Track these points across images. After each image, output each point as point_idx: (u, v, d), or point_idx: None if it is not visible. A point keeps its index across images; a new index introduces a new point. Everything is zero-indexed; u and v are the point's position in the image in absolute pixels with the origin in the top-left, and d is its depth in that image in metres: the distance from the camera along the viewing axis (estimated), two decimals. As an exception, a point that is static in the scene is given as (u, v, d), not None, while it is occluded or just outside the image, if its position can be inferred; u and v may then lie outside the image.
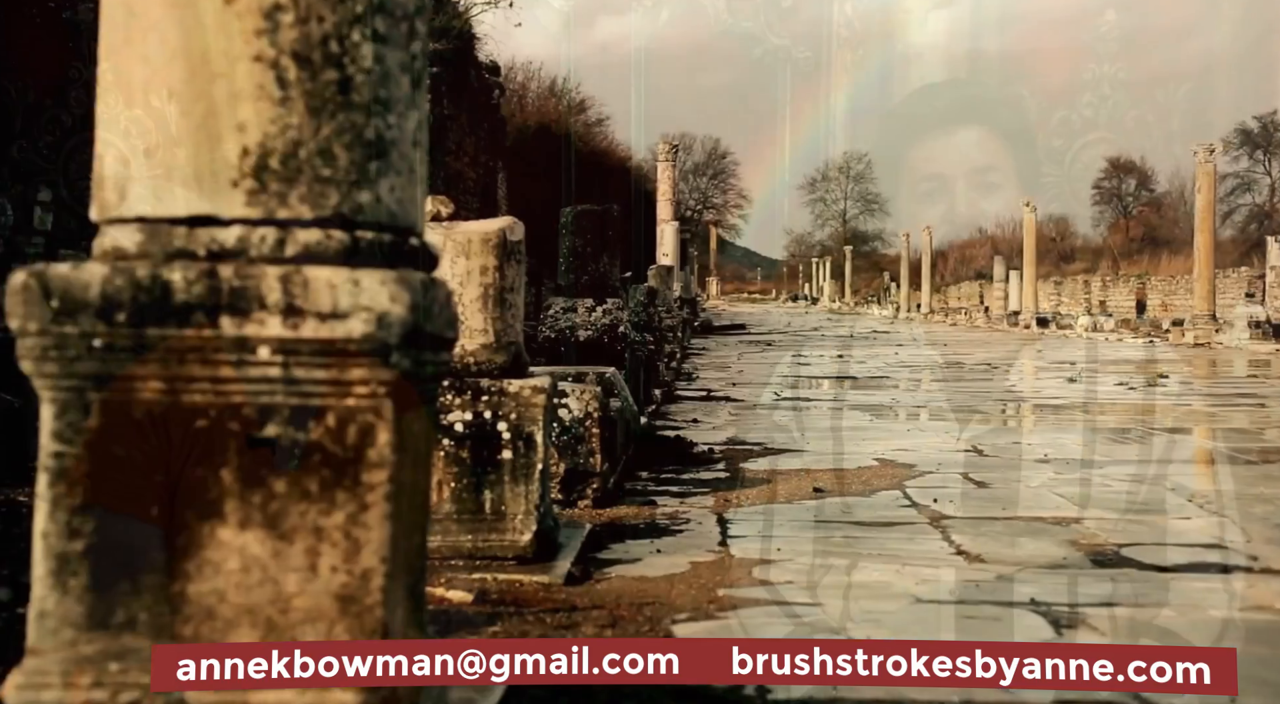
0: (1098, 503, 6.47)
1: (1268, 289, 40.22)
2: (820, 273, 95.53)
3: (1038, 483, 7.22)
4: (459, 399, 4.81)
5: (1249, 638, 3.88)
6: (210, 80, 2.17)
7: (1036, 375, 18.63)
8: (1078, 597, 4.39)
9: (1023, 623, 4.04)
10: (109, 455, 2.14)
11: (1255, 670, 3.52)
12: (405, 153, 2.32)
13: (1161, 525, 5.86)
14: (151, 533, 2.15)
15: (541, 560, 4.72)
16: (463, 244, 4.95)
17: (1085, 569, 4.90)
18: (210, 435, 2.15)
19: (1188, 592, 4.50)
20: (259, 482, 2.16)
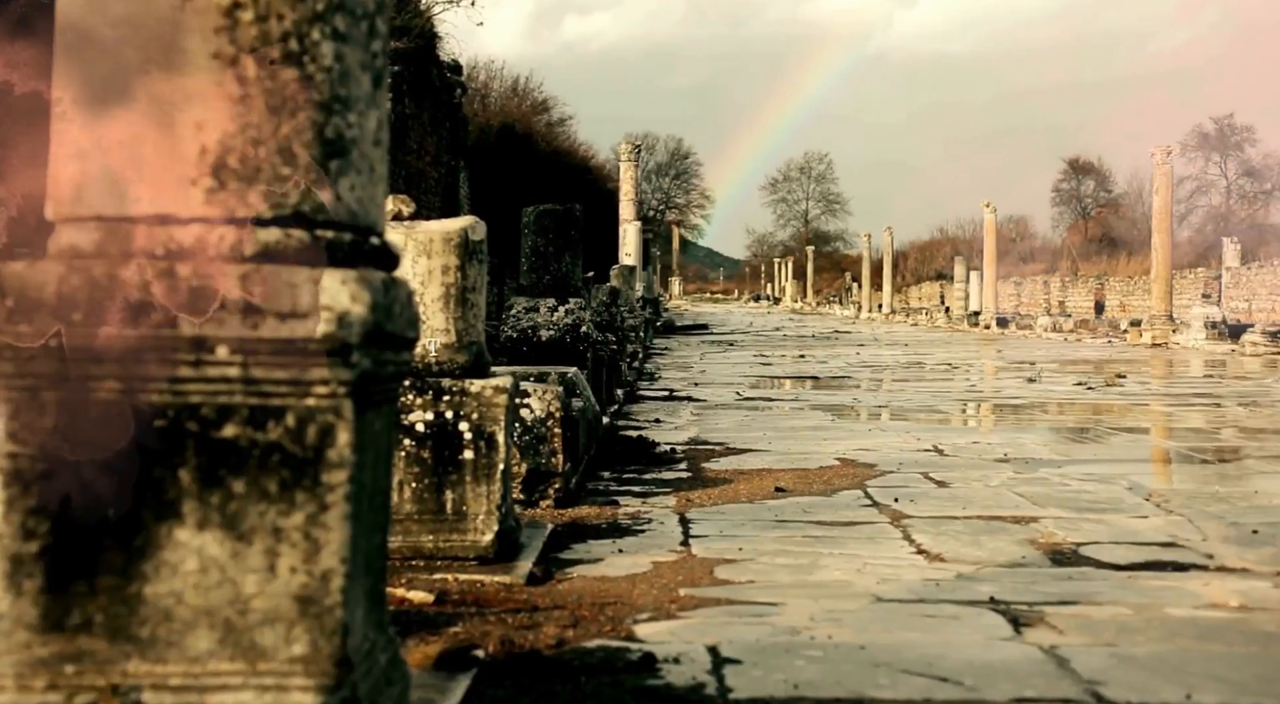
0: (1056, 502, 6.53)
1: (1224, 290, 40.69)
2: (782, 273, 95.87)
3: (997, 482, 7.26)
4: (420, 399, 4.80)
5: (1204, 636, 3.92)
6: (168, 78, 2.16)
7: (996, 375, 18.76)
8: (1036, 595, 4.43)
9: (982, 621, 4.06)
10: (65, 456, 2.12)
11: (1210, 668, 3.56)
12: (366, 151, 2.31)
13: (1119, 524, 5.91)
14: (108, 534, 2.13)
15: (503, 561, 4.71)
16: (424, 243, 4.93)
17: (1044, 568, 4.93)
18: (168, 436, 2.13)
19: (1144, 590, 4.54)
20: (217, 482, 2.14)
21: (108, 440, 2.12)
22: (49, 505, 2.12)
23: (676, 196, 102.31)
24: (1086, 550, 5.27)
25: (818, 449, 8.87)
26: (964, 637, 3.87)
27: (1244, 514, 6.16)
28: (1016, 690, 3.33)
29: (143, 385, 2.12)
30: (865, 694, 3.30)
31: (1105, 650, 3.72)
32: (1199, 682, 3.42)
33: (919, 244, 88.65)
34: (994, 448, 9.05)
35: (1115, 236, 70.32)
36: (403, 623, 3.68)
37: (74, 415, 2.12)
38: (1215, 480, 7.49)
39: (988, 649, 3.73)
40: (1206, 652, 3.73)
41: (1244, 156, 71.94)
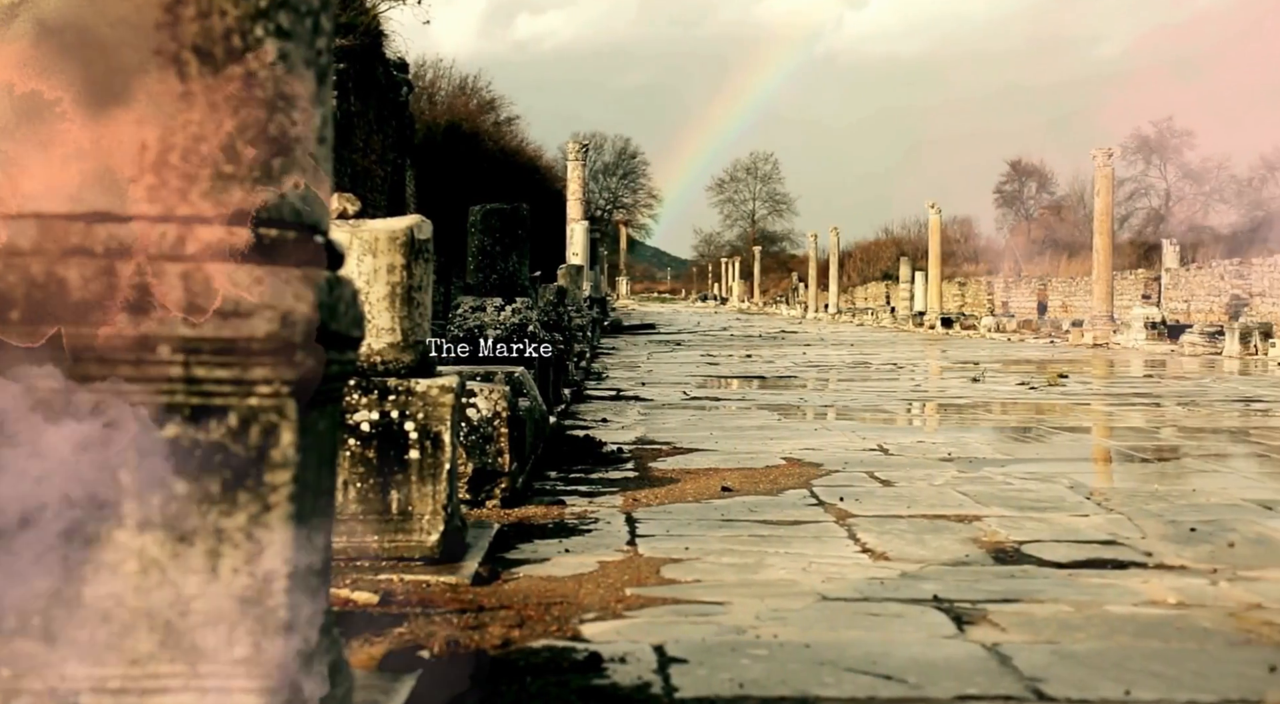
0: (999, 501, 6.59)
1: (1163, 291, 41.27)
2: (729, 273, 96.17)
3: (941, 481, 7.33)
4: (365, 398, 4.77)
5: (1143, 632, 3.97)
6: (109, 74, 2.13)
7: (941, 375, 18.92)
8: (979, 593, 4.47)
9: (926, 620, 4.10)
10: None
11: (1149, 664, 3.61)
12: (310, 149, 2.29)
13: (1060, 523, 5.98)
14: (46, 535, 2.10)
15: (449, 561, 4.70)
16: (370, 242, 4.91)
17: (986, 566, 4.98)
18: (108, 436, 2.10)
19: (1085, 587, 4.60)
20: (158, 483, 2.12)
21: (47, 441, 2.09)
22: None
23: (624, 196, 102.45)
24: (1029, 549, 5.32)
25: (764, 449, 8.91)
26: (908, 635, 3.90)
27: (1182, 513, 6.25)
28: (959, 688, 3.36)
29: (82, 385, 2.09)
30: (810, 693, 3.32)
31: (1046, 648, 3.76)
32: (1138, 678, 3.46)
33: (865, 244, 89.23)
34: (938, 447, 9.12)
35: (1058, 238, 71.10)
36: (347, 624, 3.66)
37: (12, 416, 2.09)
38: (1155, 479, 7.59)
39: (931, 647, 3.76)
40: (1145, 648, 3.78)
41: (1183, 160, 73.05)
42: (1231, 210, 68.71)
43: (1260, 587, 4.61)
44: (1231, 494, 6.93)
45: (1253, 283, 35.94)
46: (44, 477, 2.10)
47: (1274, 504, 6.58)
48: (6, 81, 2.15)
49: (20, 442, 2.10)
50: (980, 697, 3.31)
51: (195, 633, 2.12)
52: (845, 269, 73.06)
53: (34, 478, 2.10)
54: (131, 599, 2.11)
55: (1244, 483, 7.48)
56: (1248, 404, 13.49)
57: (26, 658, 2.11)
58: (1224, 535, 5.61)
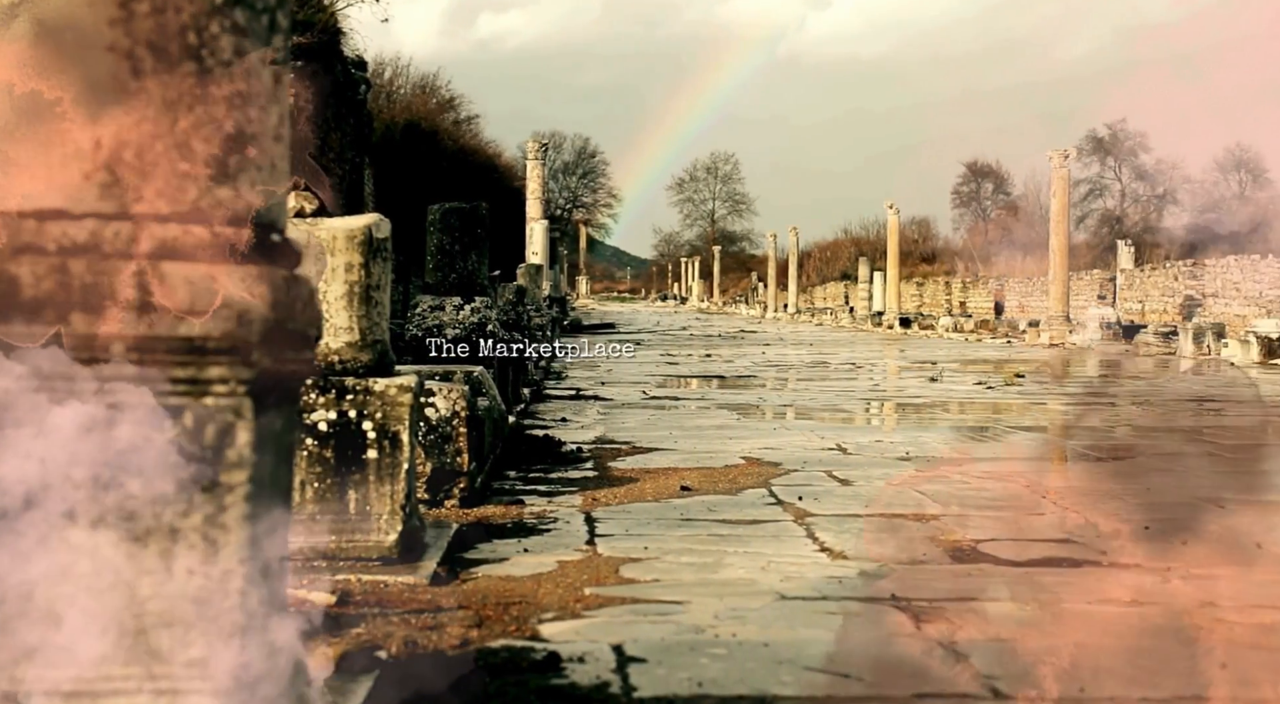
0: (956, 500, 6.63)
1: (1118, 291, 41.67)
2: (689, 272, 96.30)
3: (899, 480, 7.36)
4: (323, 398, 4.74)
5: (1098, 630, 4.00)
6: (62, 70, 2.11)
7: (899, 375, 19.02)
8: (936, 592, 4.49)
9: (883, 618, 4.12)
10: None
11: (1104, 661, 3.64)
12: (266, 147, 2.28)
13: (1017, 522, 6.02)
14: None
15: (407, 561, 4.68)
16: (327, 241, 4.88)
17: (944, 565, 5.01)
18: (62, 435, 2.08)
19: (1041, 586, 4.63)
20: (112, 482, 2.10)
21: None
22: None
23: (584, 196, 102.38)
24: (985, 547, 5.36)
25: (723, 448, 8.92)
26: (866, 633, 3.92)
27: (1136, 511, 6.31)
28: (916, 686, 3.38)
29: (36, 384, 2.07)
30: (768, 691, 3.33)
31: (1003, 646, 3.79)
32: (1093, 675, 3.49)
33: (824, 245, 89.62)
34: (896, 446, 9.17)
35: (1014, 238, 71.64)
36: (304, 624, 3.63)
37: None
38: (1109, 478, 7.66)
39: (889, 645, 3.78)
40: (1100, 646, 3.82)
41: (1137, 161, 73.82)
42: (1185, 212, 69.53)
43: (1213, 585, 4.66)
44: (1185, 493, 7.00)
45: (1206, 284, 36.36)
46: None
47: (1227, 503, 6.65)
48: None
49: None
50: (937, 695, 3.33)
51: (150, 634, 2.10)
52: (804, 269, 73.33)
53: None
54: (84, 600, 2.09)
55: (1197, 482, 7.57)
56: (1201, 404, 13.64)
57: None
58: (1178, 534, 5.67)
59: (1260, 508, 6.61)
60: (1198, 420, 11.76)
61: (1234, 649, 3.78)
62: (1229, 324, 28.27)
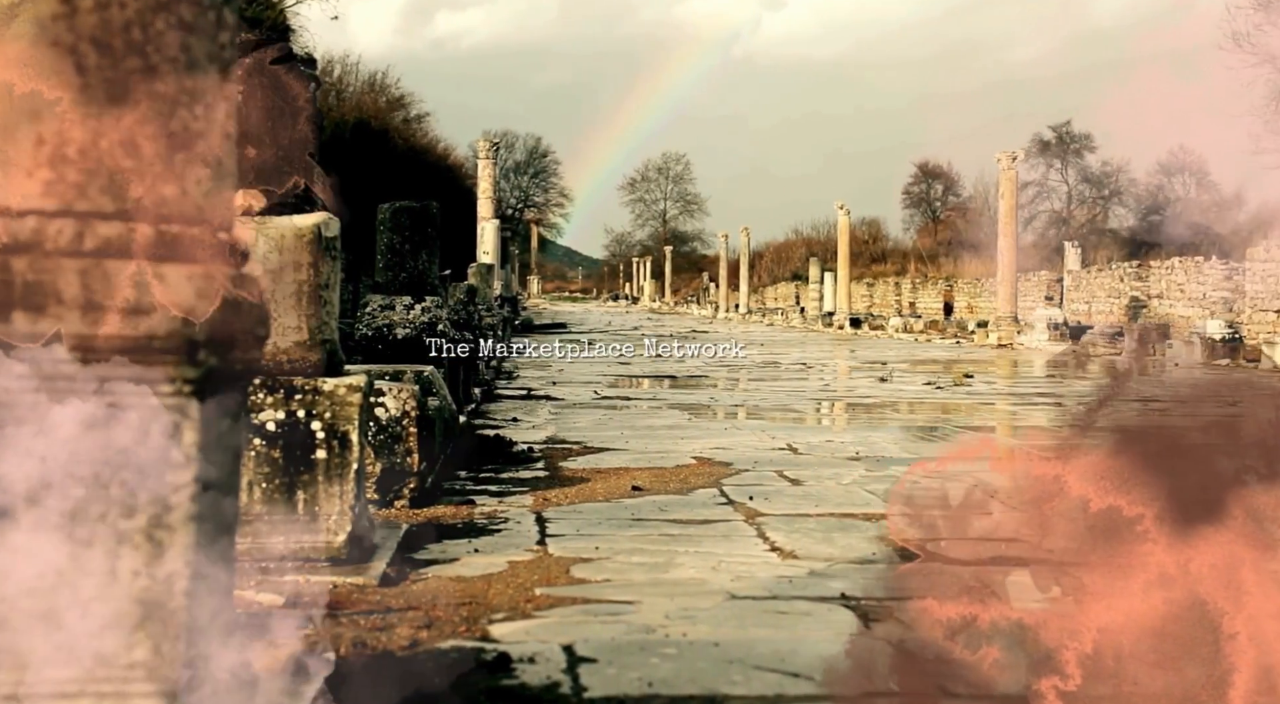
0: (905, 499, 6.67)
1: (1065, 293, 42.10)
2: (641, 272, 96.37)
3: (849, 480, 7.40)
4: (271, 398, 4.70)
5: (1044, 627, 4.04)
6: (3, 66, 2.08)
7: (849, 375, 19.11)
8: (885, 591, 4.52)
9: (833, 617, 4.14)
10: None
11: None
12: (213, 144, 2.26)
13: (965, 521, 6.06)
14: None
15: (356, 562, 4.65)
16: (276, 239, 4.84)
17: (893, 564, 5.04)
18: (4, 435, 2.05)
19: (989, 585, 4.67)
20: (56, 483, 2.07)
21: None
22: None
23: (535, 195, 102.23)
24: (933, 546, 5.39)
25: (675, 448, 8.93)
26: (815, 633, 3.94)
27: (1082, 510, 6.36)
28: (866, 685, 3.40)
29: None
30: (718, 691, 3.34)
31: (951, 645, 3.81)
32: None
33: (775, 245, 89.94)
34: (847, 446, 9.22)
35: (963, 239, 72.21)
36: (251, 626, 3.60)
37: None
38: (1056, 478, 7.72)
39: (838, 644, 3.80)
40: (1046, 643, 3.85)
41: (1083, 163, 74.64)
42: (1130, 214, 70.39)
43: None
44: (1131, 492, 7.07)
45: (1151, 285, 36.80)
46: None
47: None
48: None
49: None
50: (887, 693, 3.35)
51: (93, 636, 2.08)
52: (756, 269, 73.59)
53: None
54: (28, 602, 2.06)
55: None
56: (1146, 404, 13.80)
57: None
58: (1122, 533, 5.73)
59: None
60: (1143, 420, 11.89)
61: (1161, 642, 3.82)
62: (1174, 325, 28.63)
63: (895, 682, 3.43)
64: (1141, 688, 3.00)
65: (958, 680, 3.44)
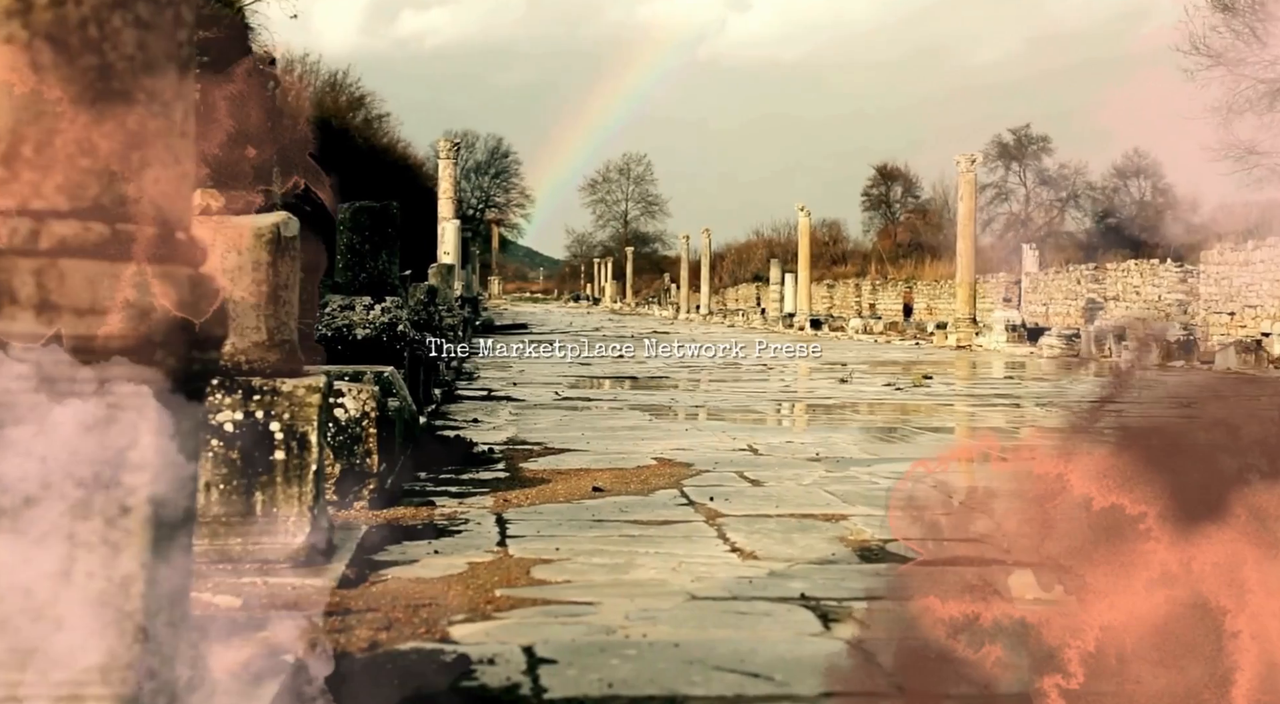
0: (865, 500, 6.71)
1: (1023, 294, 42.43)
2: (602, 273, 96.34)
3: (809, 481, 7.43)
4: (229, 398, 4.67)
5: (1003, 625, 4.07)
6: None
7: (809, 376, 19.18)
8: (845, 591, 4.54)
9: (793, 618, 4.15)
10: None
11: (1007, 656, 3.70)
12: (171, 143, 2.24)
13: (924, 521, 6.10)
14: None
15: (315, 563, 4.62)
16: (234, 239, 4.81)
17: (853, 564, 5.07)
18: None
19: (948, 585, 4.69)
20: (10, 484, 2.05)
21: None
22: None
23: (496, 195, 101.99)
24: (894, 547, 5.42)
25: (635, 449, 8.94)
26: (775, 633, 3.95)
27: (1040, 510, 6.41)
28: (824, 685, 3.41)
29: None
30: (678, 692, 3.34)
31: (910, 644, 3.83)
32: (995, 670, 3.55)
33: (736, 246, 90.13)
34: (807, 447, 9.25)
35: (923, 241, 72.66)
36: (208, 628, 3.58)
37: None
38: (1013, 479, 7.78)
39: (798, 645, 3.81)
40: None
41: (1041, 166, 75.24)
42: (1086, 217, 71.02)
43: (1111, 581, 4.75)
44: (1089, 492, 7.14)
45: (1107, 287, 37.15)
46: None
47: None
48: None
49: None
50: (845, 693, 3.37)
51: (48, 639, 2.06)
52: (717, 270, 73.68)
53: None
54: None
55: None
56: (1102, 405, 13.92)
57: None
58: (1081, 534, 5.78)
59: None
60: (1100, 421, 12.00)
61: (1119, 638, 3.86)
62: (1129, 326, 28.88)
63: (853, 682, 3.44)
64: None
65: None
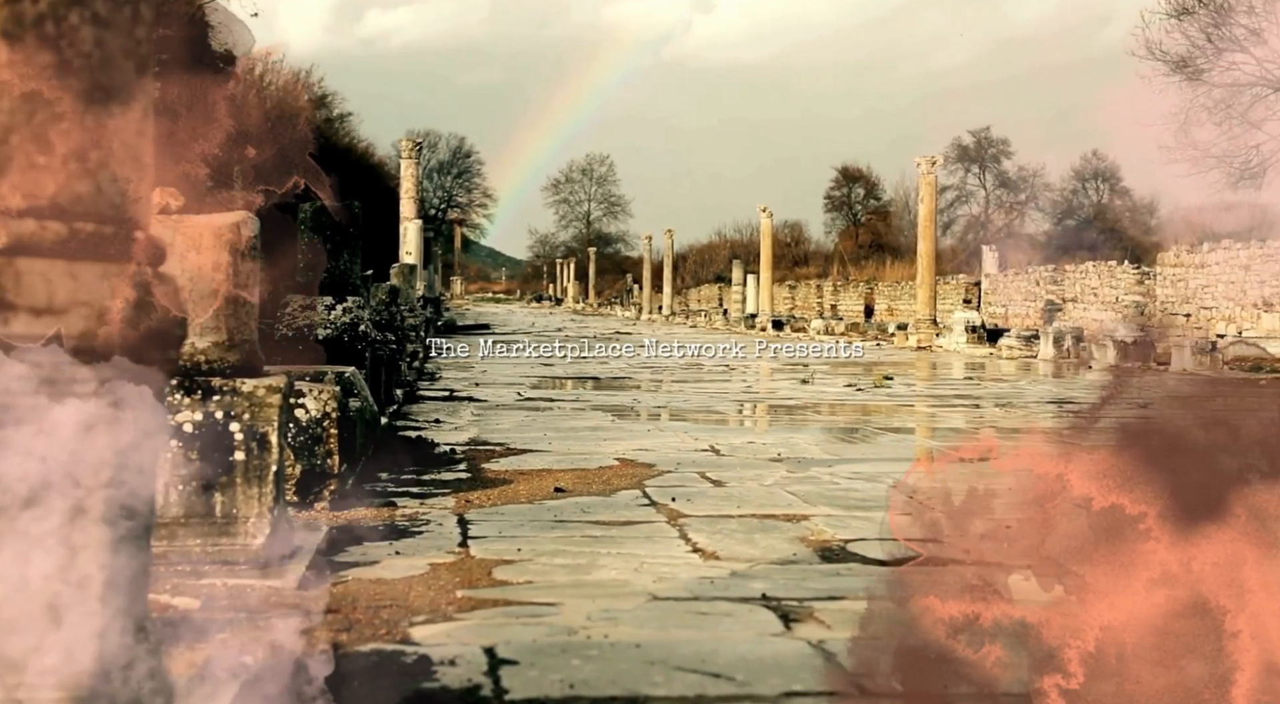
0: (826, 500, 6.73)
1: (983, 296, 42.71)
2: (565, 274, 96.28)
3: (771, 481, 7.45)
4: (188, 399, 4.63)
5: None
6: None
7: (771, 377, 19.23)
8: (806, 591, 4.56)
9: (754, 618, 4.16)
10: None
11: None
12: (129, 141, 2.22)
13: (885, 521, 6.13)
14: None
15: (275, 564, 4.59)
16: (194, 239, 4.77)
17: (814, 564, 5.08)
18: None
19: (907, 584, 4.72)
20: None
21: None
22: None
23: (459, 196, 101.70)
24: (854, 547, 5.45)
25: (598, 449, 8.93)
26: (736, 633, 3.96)
27: (1001, 511, 6.46)
28: (785, 684, 3.42)
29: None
30: (640, 692, 3.35)
31: (870, 644, 3.85)
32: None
33: (699, 247, 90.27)
34: (768, 448, 9.27)
35: (884, 243, 73.06)
36: (167, 630, 3.55)
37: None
38: (974, 478, 7.83)
39: (759, 645, 3.82)
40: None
41: (1000, 168, 75.79)
42: (1046, 219, 71.57)
43: (1068, 580, 4.79)
44: (1046, 492, 7.19)
45: (1065, 289, 37.45)
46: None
47: (1086, 503, 6.85)
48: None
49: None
50: (805, 693, 3.38)
51: (3, 641, 2.03)
52: (680, 271, 73.79)
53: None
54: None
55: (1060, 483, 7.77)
56: (1061, 406, 14.03)
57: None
58: (1039, 533, 5.82)
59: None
60: (1058, 422, 12.10)
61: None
62: (1088, 328, 29.14)
63: (814, 681, 3.45)
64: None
65: (877, 677, 3.47)
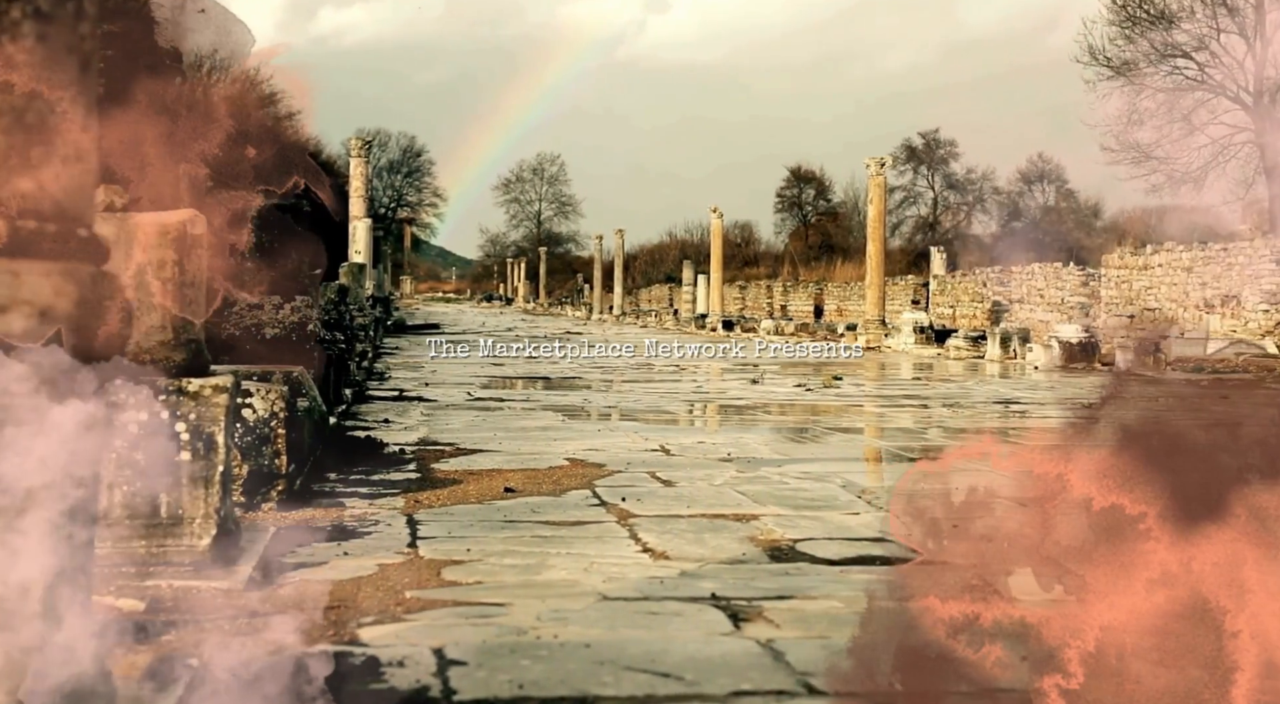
0: (776, 500, 6.76)
1: (931, 297, 43.03)
2: (515, 273, 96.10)
3: (721, 481, 7.47)
4: (133, 398, 4.58)
5: (910, 625, 4.12)
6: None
7: (722, 377, 19.28)
8: (755, 591, 4.57)
9: (703, 617, 4.17)
10: None
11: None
12: (73, 138, 2.20)
13: (833, 521, 6.17)
14: None
15: (222, 565, 4.56)
16: (139, 236, 4.72)
17: (763, 564, 5.10)
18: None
19: (855, 583, 4.76)
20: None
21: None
22: None
23: (409, 195, 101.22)
24: (803, 547, 5.47)
25: (548, 449, 8.92)
26: (686, 633, 3.97)
27: (945, 510, 6.51)
28: (734, 684, 3.44)
29: None
30: (589, 692, 3.35)
31: (818, 643, 3.88)
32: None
33: (650, 247, 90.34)
34: (718, 447, 9.30)
35: (834, 243, 73.44)
36: (111, 632, 3.51)
37: None
38: (921, 478, 7.90)
39: (708, 644, 3.83)
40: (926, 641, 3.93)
41: (949, 170, 76.41)
42: (993, 220, 72.23)
43: (1012, 580, 4.84)
44: (992, 493, 7.25)
45: (1012, 290, 37.77)
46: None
47: (1029, 503, 6.92)
48: None
49: None
50: (754, 692, 3.39)
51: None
52: (630, 271, 73.81)
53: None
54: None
55: (1003, 481, 7.85)
56: (1007, 406, 14.16)
57: None
58: (985, 532, 5.87)
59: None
60: (1004, 422, 12.21)
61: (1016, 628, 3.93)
62: (1034, 329, 29.43)
63: (762, 680, 3.47)
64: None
65: (824, 676, 3.49)
